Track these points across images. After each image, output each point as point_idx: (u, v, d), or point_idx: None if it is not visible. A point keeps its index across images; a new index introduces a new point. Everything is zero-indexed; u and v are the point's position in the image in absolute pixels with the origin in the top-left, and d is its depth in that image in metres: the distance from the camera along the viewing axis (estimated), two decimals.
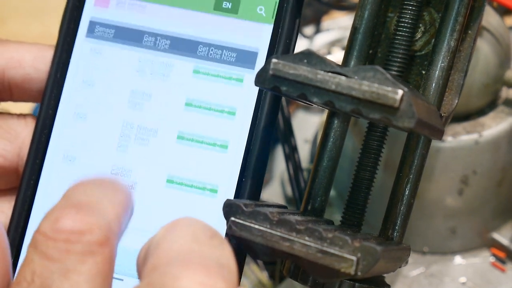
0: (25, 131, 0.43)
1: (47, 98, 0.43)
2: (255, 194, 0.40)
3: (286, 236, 0.34)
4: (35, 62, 0.43)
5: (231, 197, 0.40)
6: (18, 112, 0.44)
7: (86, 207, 0.29)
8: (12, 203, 0.43)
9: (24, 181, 0.42)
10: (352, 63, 0.39)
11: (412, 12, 0.39)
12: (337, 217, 0.42)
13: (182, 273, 0.27)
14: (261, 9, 0.41)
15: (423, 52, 0.41)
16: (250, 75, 0.41)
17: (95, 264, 0.28)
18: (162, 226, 0.30)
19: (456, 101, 0.40)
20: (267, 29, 0.41)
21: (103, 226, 0.29)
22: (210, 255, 0.28)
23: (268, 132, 0.40)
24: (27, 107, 0.67)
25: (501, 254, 0.51)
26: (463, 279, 0.50)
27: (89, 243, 0.28)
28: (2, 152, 0.42)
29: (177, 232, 0.29)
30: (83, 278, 0.28)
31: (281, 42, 0.41)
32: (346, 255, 0.33)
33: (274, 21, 0.41)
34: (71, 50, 0.43)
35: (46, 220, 0.29)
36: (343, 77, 0.35)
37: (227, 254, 0.29)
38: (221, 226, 0.37)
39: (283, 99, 0.53)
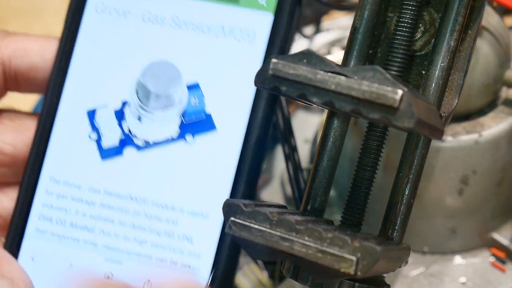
0: (35, 126, 0.44)
1: (52, 86, 0.43)
2: (250, 190, 0.40)
3: (286, 236, 0.34)
4: (41, 52, 0.43)
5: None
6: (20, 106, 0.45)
7: None
8: None
9: (28, 170, 0.42)
10: (352, 63, 0.39)
11: (412, 12, 0.39)
12: (337, 217, 0.42)
13: None
14: None
15: (423, 52, 0.41)
16: None
17: None
18: None
19: (456, 101, 0.40)
20: (268, 18, 0.41)
21: None
22: None
23: (266, 120, 0.40)
24: (30, 102, 0.67)
25: (501, 254, 0.51)
26: (463, 279, 0.50)
27: None
28: (12, 142, 0.43)
29: None
30: None
31: (281, 31, 0.41)
32: (346, 255, 0.33)
33: (275, 10, 0.41)
34: (75, 40, 0.43)
35: None
36: (342, 77, 0.35)
37: None
38: None
39: (283, 99, 0.53)
